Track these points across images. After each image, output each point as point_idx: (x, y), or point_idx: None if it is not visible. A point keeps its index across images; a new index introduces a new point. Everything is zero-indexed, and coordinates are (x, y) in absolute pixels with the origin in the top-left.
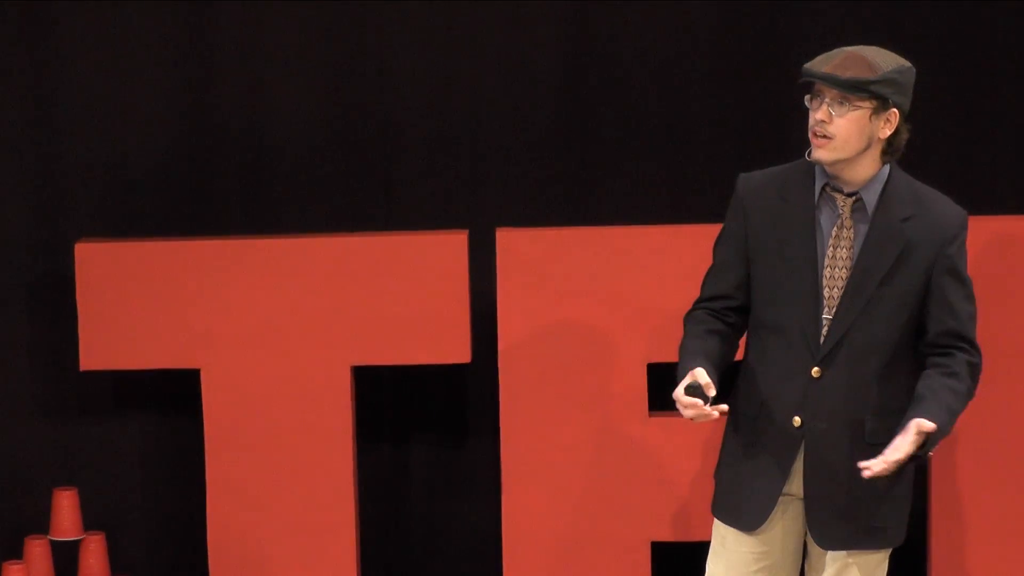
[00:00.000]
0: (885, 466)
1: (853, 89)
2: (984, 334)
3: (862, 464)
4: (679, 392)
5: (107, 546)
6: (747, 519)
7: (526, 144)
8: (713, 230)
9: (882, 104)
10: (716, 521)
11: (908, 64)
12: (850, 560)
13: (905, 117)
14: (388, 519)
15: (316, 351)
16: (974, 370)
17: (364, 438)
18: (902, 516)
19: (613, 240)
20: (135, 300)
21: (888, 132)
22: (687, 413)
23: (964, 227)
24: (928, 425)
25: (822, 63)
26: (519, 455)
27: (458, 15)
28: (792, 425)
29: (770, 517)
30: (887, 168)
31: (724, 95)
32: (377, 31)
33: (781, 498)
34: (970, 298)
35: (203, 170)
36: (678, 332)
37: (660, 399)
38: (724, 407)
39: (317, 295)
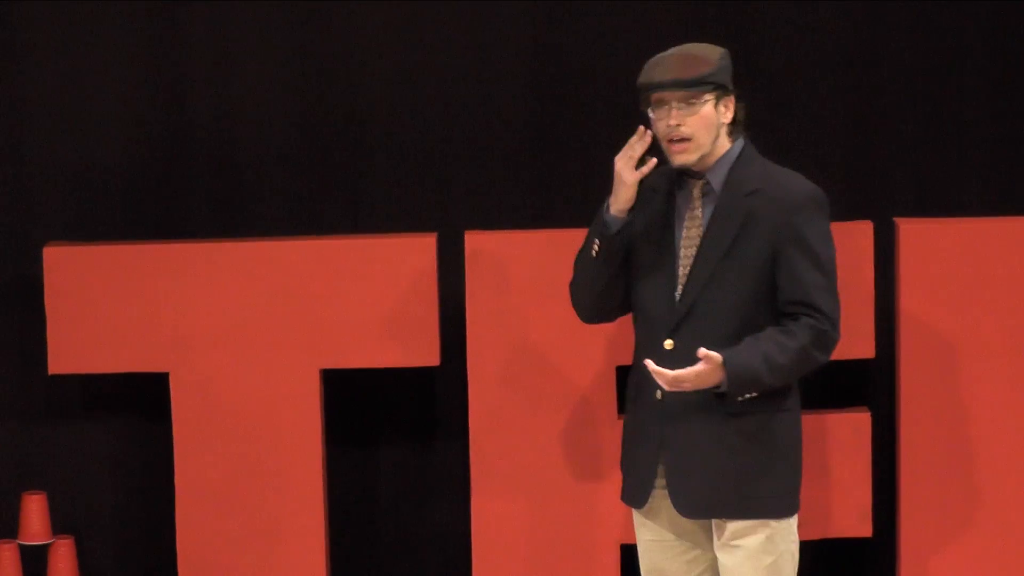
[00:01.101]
0: (664, 377)
1: (700, 86)
2: (947, 334)
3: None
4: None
5: (76, 550)
6: (634, 496)
7: (495, 147)
8: None
9: (722, 92)
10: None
11: (725, 49)
12: (730, 529)
13: (737, 96)
14: (357, 522)
15: (285, 354)
16: (818, 335)
17: (333, 441)
18: (780, 486)
19: (581, 243)
20: (104, 304)
21: (730, 116)
22: (634, 150)
23: (815, 201)
24: (713, 356)
25: (660, 72)
26: (488, 457)
27: (427, 18)
28: (656, 399)
29: (658, 499)
30: (736, 147)
31: None
32: (346, 34)
33: (660, 481)
34: (821, 268)
35: (171, 173)
36: None
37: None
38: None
39: (286, 298)
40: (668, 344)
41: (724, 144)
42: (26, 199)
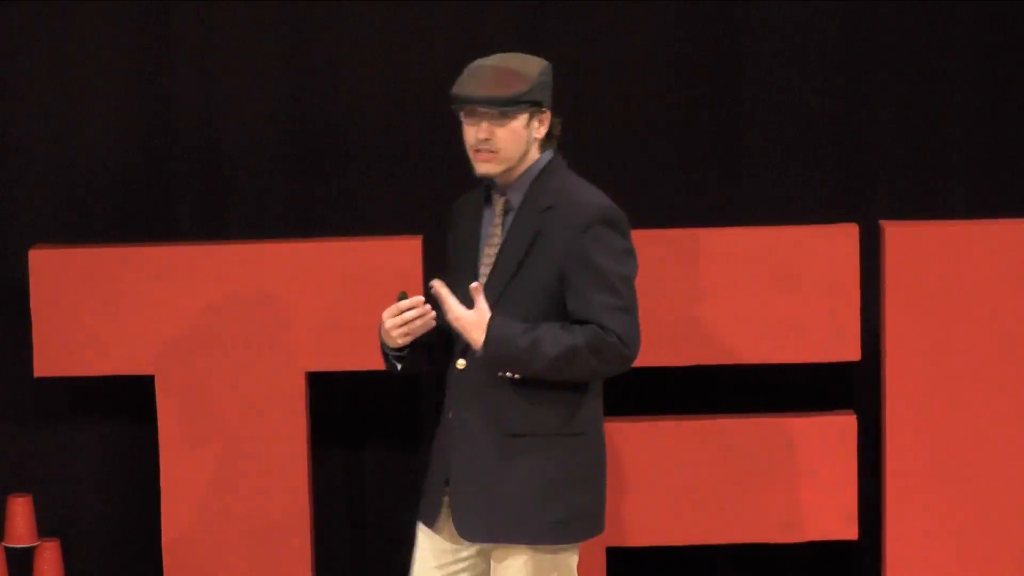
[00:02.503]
0: (448, 306)
1: (513, 104)
2: (933, 337)
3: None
4: (391, 320)
5: (62, 553)
6: (426, 512)
7: None
8: (674, 235)
9: (537, 108)
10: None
11: (547, 63)
12: (496, 552)
13: (554, 111)
14: (343, 525)
15: (270, 357)
16: (599, 341)
17: (319, 444)
18: (556, 513)
19: None
20: (89, 306)
21: (543, 131)
22: (399, 326)
23: (605, 219)
24: (483, 307)
25: (475, 86)
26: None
27: (414, 20)
28: (448, 418)
29: (444, 518)
30: (543, 160)
31: (681, 98)
32: (332, 37)
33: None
34: (610, 288)
35: (157, 176)
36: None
37: (614, 404)
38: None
39: (271, 301)
40: (460, 363)
41: (532, 157)
42: (11, 202)
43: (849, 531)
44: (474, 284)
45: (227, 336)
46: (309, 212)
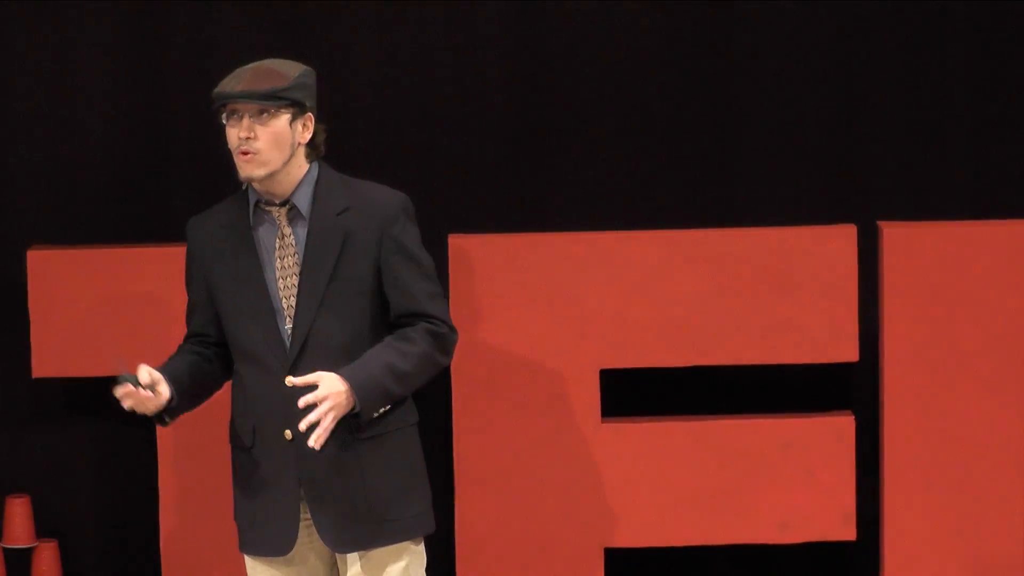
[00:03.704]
0: (318, 431)
1: (271, 100)
2: (931, 338)
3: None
4: (116, 392)
5: (60, 554)
6: (276, 545)
7: (478, 150)
8: (672, 236)
9: (299, 110)
10: (247, 559)
11: (310, 68)
12: (370, 557)
13: (317, 117)
14: None
15: None
16: (438, 338)
17: None
18: (417, 504)
19: (565, 246)
20: (87, 307)
21: (308, 136)
22: (125, 404)
23: (406, 209)
24: (333, 384)
25: (233, 83)
26: (472, 461)
27: (410, 18)
28: (285, 440)
29: (303, 543)
30: (315, 169)
31: (680, 99)
32: (327, 36)
33: (304, 522)
34: (428, 276)
35: (154, 177)
36: (631, 337)
37: (613, 405)
38: (162, 392)
39: None
40: (290, 381)
41: (301, 166)
42: (10, 202)
43: (847, 532)
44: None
45: None
46: None
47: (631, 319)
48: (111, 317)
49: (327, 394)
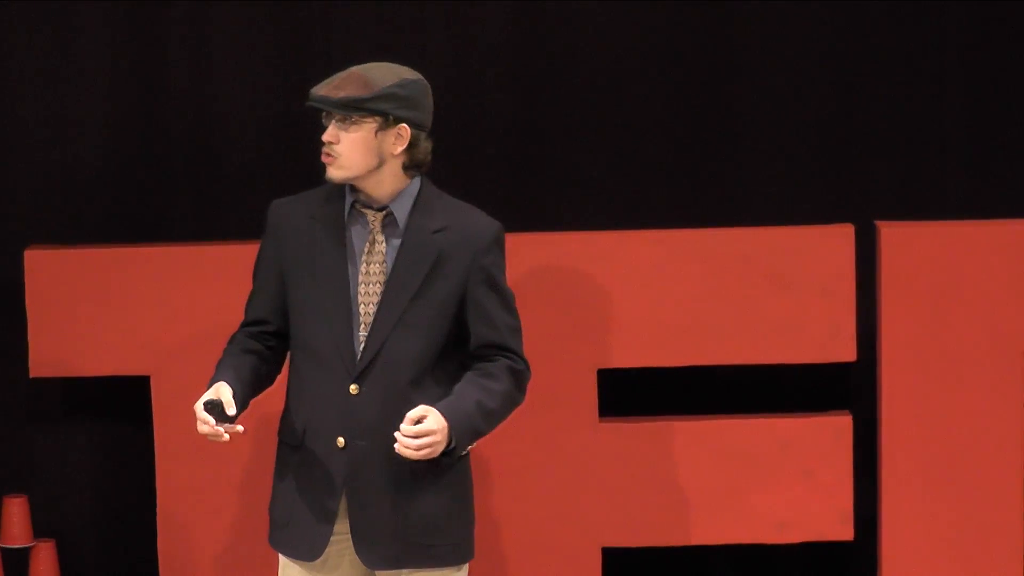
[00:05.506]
0: (407, 451)
1: (346, 108)
2: (929, 338)
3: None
4: (198, 405)
5: (58, 553)
6: (306, 548)
7: (475, 149)
8: (669, 235)
9: (385, 120)
10: (281, 557)
11: (415, 78)
12: None
13: (423, 131)
14: None
15: None
16: (517, 376)
17: None
18: (458, 534)
19: (563, 245)
20: (85, 307)
21: (400, 147)
22: (201, 429)
23: (499, 239)
24: (436, 420)
25: (322, 86)
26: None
27: (408, 20)
28: (336, 447)
29: (338, 552)
30: (417, 182)
31: (677, 99)
32: (326, 37)
33: (346, 534)
34: (509, 309)
35: (152, 176)
36: (630, 337)
37: (611, 405)
38: (239, 428)
39: None
40: (353, 389)
41: (398, 176)
42: (7, 202)
43: (845, 532)
44: (418, 413)
45: (222, 337)
46: None
47: (628, 319)
48: (109, 317)
49: (436, 429)
